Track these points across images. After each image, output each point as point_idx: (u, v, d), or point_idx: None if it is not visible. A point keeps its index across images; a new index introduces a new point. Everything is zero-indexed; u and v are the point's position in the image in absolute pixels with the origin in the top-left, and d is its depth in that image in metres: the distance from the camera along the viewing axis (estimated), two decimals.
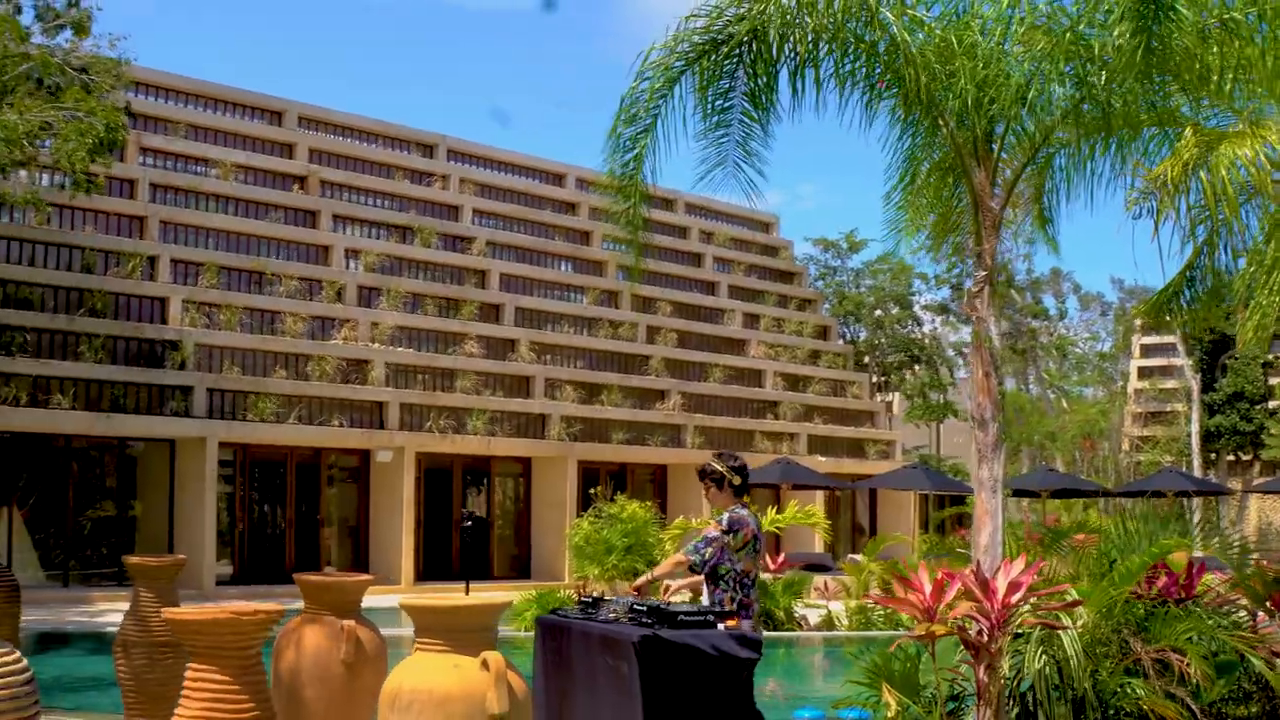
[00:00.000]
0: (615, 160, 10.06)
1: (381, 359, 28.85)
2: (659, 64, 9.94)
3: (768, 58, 9.95)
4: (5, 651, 5.12)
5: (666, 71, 9.94)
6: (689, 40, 9.91)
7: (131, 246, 26.76)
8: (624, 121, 10.19)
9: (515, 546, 31.55)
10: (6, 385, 23.39)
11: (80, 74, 21.65)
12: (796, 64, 9.95)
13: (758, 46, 9.89)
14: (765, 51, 9.89)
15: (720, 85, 10.07)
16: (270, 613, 5.72)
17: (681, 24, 9.93)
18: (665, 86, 10.00)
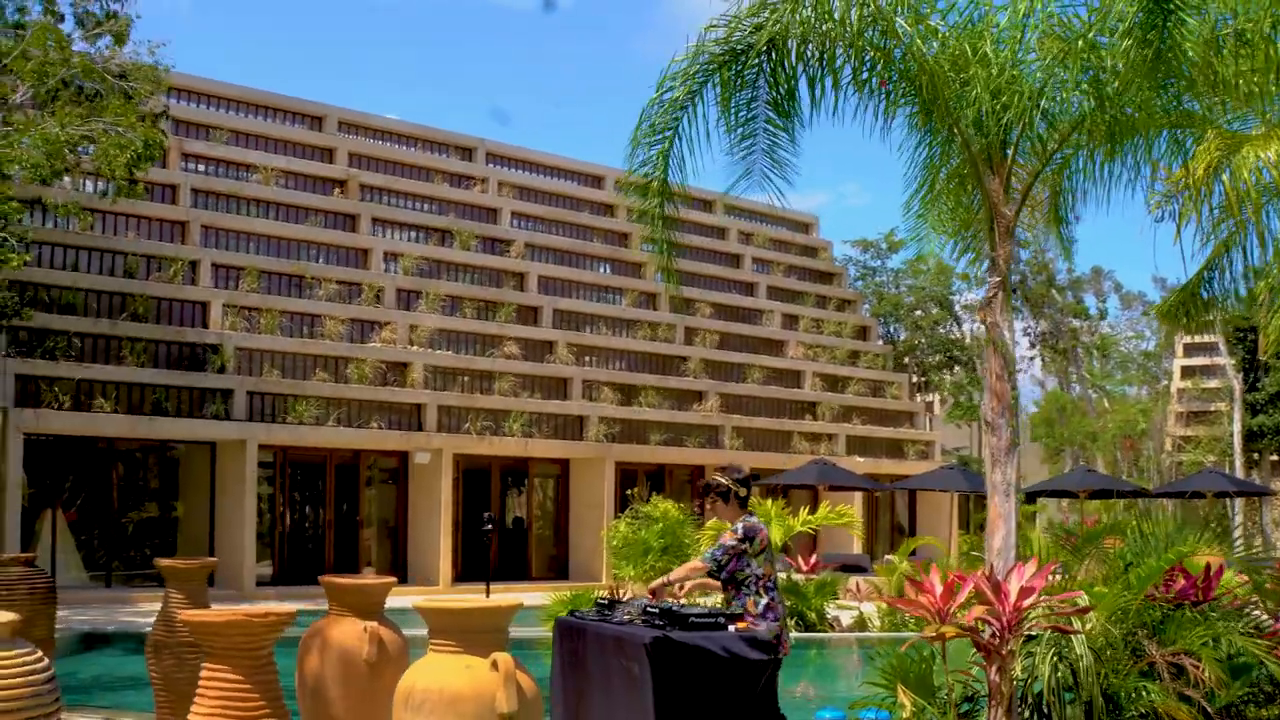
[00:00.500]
0: (638, 171, 10.25)
1: (420, 361, 29.12)
2: (681, 74, 10.10)
3: (787, 67, 10.10)
4: (27, 652, 5.33)
5: (687, 81, 10.09)
6: (708, 51, 10.06)
7: (173, 251, 27.13)
8: (645, 132, 10.36)
9: (554, 547, 31.75)
10: (50, 389, 23.80)
11: (120, 80, 22.01)
12: (815, 73, 10.10)
13: (777, 56, 10.04)
14: (784, 61, 10.04)
15: (743, 95, 10.23)
16: (281, 615, 5.91)
17: (701, 35, 10.09)
18: (686, 97, 10.16)
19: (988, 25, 9.74)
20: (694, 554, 25.77)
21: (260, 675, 5.76)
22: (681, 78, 9.93)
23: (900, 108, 10.26)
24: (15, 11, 22.55)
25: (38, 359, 24.00)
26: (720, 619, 8.56)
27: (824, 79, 10.00)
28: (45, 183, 19.08)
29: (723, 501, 9.03)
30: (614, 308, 34.19)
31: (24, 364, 23.69)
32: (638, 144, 10.11)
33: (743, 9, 9.85)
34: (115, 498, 26.40)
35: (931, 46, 9.81)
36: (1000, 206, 10.05)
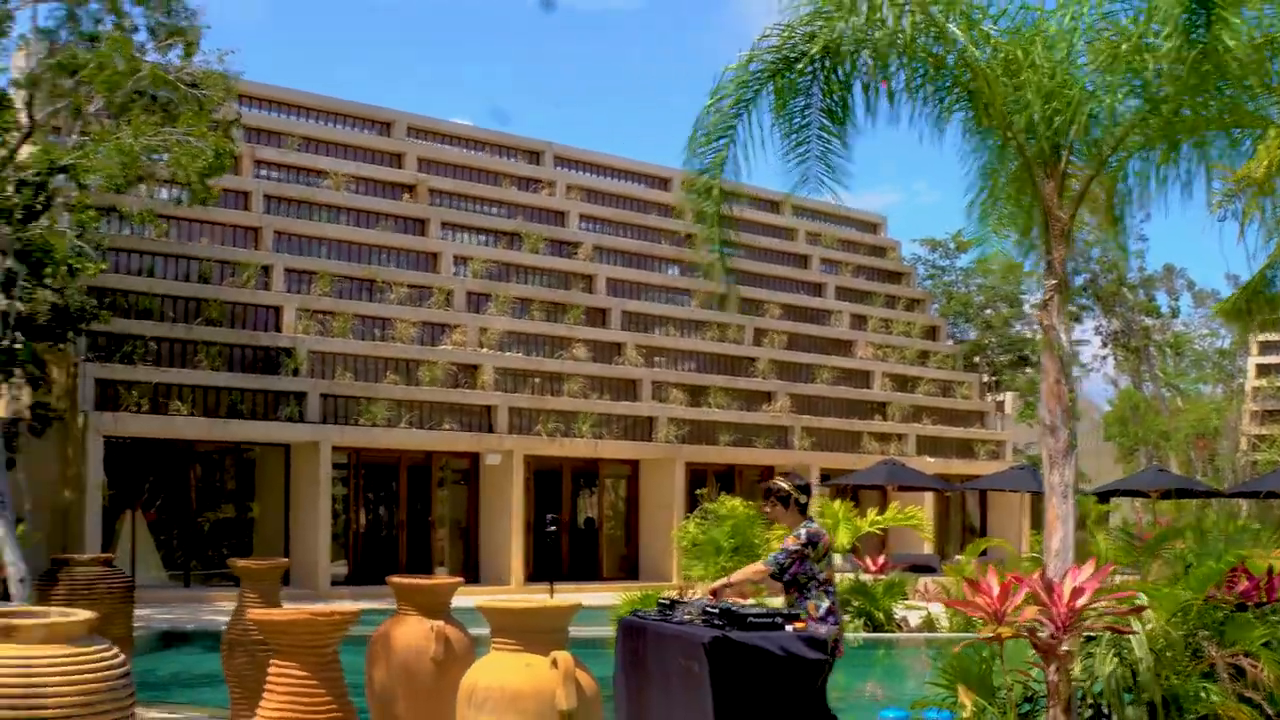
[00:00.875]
0: (694, 176, 10.42)
1: (490, 363, 29.43)
2: (735, 82, 10.25)
3: (841, 74, 10.22)
4: (104, 648, 5.57)
5: (741, 89, 10.24)
6: (762, 59, 10.19)
7: (246, 256, 27.62)
8: (700, 141, 10.52)
9: (624, 547, 31.97)
10: (128, 392, 24.33)
11: (192, 89, 22.46)
12: (868, 80, 10.21)
13: (830, 63, 10.16)
14: (838, 68, 10.16)
15: (797, 102, 10.35)
16: (346, 614, 6.12)
17: (755, 43, 10.23)
18: (740, 104, 10.31)
19: (1039, 30, 9.78)
20: (763, 553, 25.90)
21: (326, 672, 5.97)
22: (735, 85, 10.08)
23: (954, 113, 10.33)
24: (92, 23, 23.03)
25: (116, 363, 24.56)
26: (778, 619, 8.70)
27: (877, 86, 10.10)
28: (120, 191, 19.51)
29: (782, 506, 9.16)
30: (682, 309, 34.35)
31: (103, 368, 24.25)
32: (694, 151, 10.27)
33: (798, 17, 9.98)
34: (193, 499, 26.95)
35: (984, 52, 9.88)
36: (1055, 210, 10.09)
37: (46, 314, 22.51)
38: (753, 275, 36.04)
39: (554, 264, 32.65)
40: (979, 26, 9.92)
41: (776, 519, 9.40)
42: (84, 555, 10.77)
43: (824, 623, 8.97)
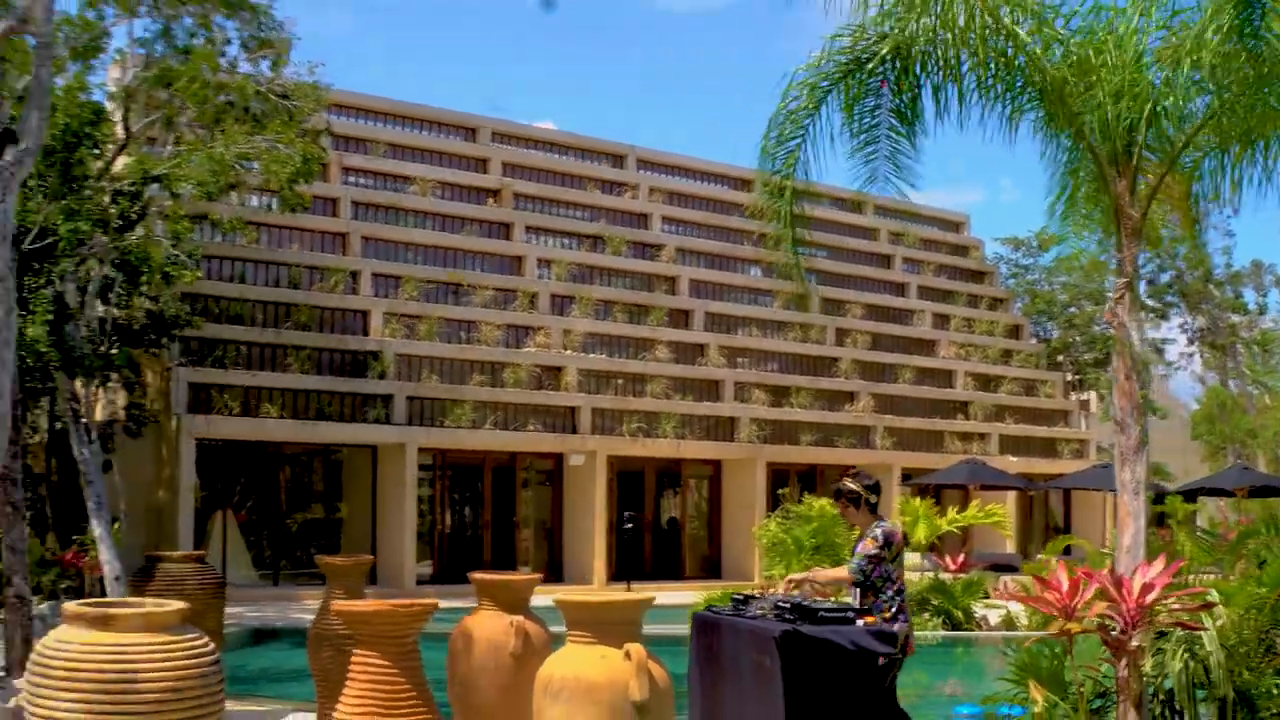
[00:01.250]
0: (767, 178, 10.61)
1: (574, 365, 29.73)
2: (805, 84, 10.42)
3: (911, 75, 10.35)
4: (196, 637, 5.88)
5: (813, 91, 10.41)
6: (834, 60, 10.35)
7: (335, 262, 28.14)
8: (773, 143, 10.71)
9: (706, 547, 32.15)
10: (220, 396, 24.92)
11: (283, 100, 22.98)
12: (938, 81, 10.33)
13: (901, 64, 10.29)
14: (908, 69, 10.29)
15: (867, 103, 10.51)
16: (424, 606, 6.38)
17: (826, 44, 10.39)
18: (812, 106, 10.48)
19: (1108, 28, 9.84)
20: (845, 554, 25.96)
21: (406, 661, 6.23)
22: (807, 86, 10.25)
23: (1025, 113, 10.42)
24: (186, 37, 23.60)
25: (208, 367, 25.15)
26: (850, 614, 8.85)
27: (947, 86, 10.22)
28: (211, 199, 20.04)
29: (854, 507, 9.29)
30: (765, 310, 34.45)
31: (195, 372, 24.85)
32: (767, 152, 10.46)
33: (868, 18, 10.12)
34: (282, 500, 27.51)
35: (1054, 53, 9.97)
36: (1126, 208, 10.15)
37: (142, 320, 23.15)
38: (835, 275, 36.08)
39: (637, 266, 32.90)
40: (1050, 26, 10.01)
41: (848, 518, 9.56)
42: (177, 553, 11.15)
43: (895, 621, 9.11)
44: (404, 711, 6.10)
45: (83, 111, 17.83)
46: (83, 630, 5.65)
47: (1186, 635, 9.61)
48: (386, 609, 6.26)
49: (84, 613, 5.71)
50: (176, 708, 5.54)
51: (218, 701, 5.80)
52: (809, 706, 8.51)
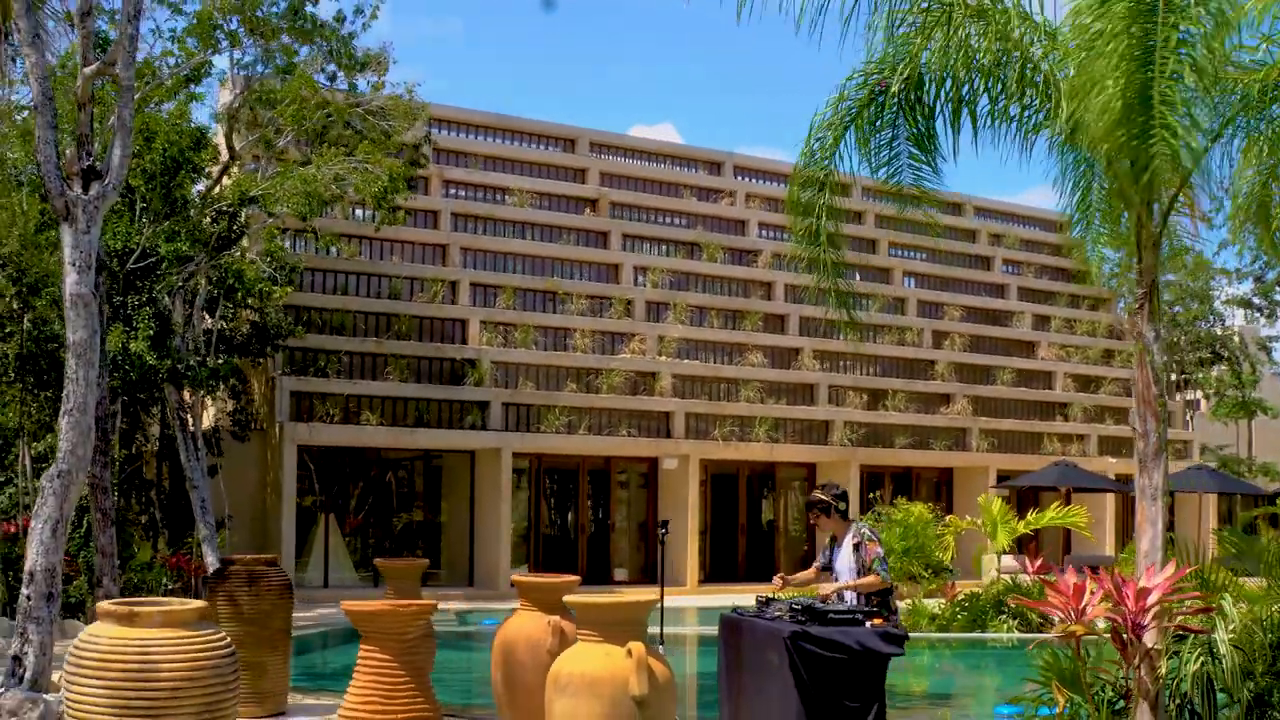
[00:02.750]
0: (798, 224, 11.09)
1: (668, 370, 30.28)
2: (827, 124, 10.89)
3: (925, 105, 10.75)
4: (212, 632, 6.53)
5: (834, 129, 10.89)
6: (852, 97, 10.80)
7: (434, 273, 29.02)
8: (800, 186, 11.22)
9: (802, 548, 32.49)
10: (322, 404, 25.92)
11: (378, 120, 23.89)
12: (952, 107, 10.72)
13: (915, 94, 10.71)
14: (922, 98, 10.70)
15: (883, 135, 10.94)
16: (423, 606, 6.98)
17: (842, 86, 10.83)
18: (835, 145, 10.97)
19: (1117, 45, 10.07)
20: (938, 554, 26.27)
21: (407, 655, 6.84)
22: (828, 128, 10.70)
23: (1040, 131, 10.73)
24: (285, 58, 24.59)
25: (310, 376, 26.16)
26: (858, 615, 9.32)
27: (960, 111, 10.59)
28: (305, 218, 20.94)
29: (825, 516, 10.10)
30: (860, 313, 34.54)
31: (298, 381, 25.86)
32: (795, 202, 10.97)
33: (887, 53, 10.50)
34: (383, 504, 28.44)
35: (1066, 69, 10.28)
36: (1143, 220, 10.42)
37: (246, 332, 24.22)
38: (933, 278, 36.19)
39: (732, 272, 33.32)
40: (1061, 46, 10.31)
41: (821, 527, 10.29)
42: (248, 555, 11.91)
43: (895, 614, 9.72)
44: (403, 699, 6.71)
45: (182, 139, 18.78)
46: (111, 626, 6.33)
47: (1204, 638, 9.90)
48: (388, 609, 6.88)
49: (112, 610, 6.39)
50: (192, 695, 6.19)
51: (231, 690, 6.45)
52: (819, 700, 8.99)
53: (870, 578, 9.97)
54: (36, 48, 11.32)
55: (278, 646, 11.39)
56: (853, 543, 10.13)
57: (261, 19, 21.80)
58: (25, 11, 11.19)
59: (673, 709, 8.19)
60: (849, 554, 10.13)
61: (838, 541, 10.31)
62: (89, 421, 11.32)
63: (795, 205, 11.06)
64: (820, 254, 11.23)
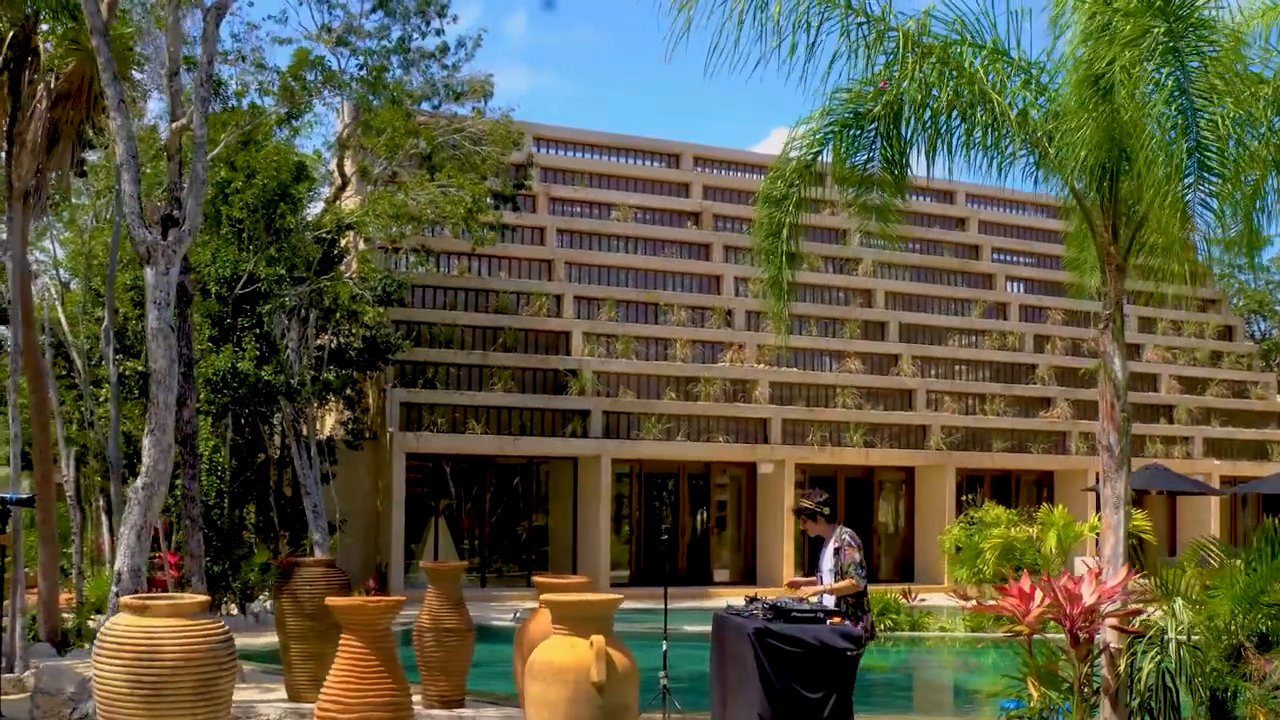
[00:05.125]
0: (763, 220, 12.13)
1: (766, 378, 31.26)
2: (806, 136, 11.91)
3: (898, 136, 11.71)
4: (211, 623, 7.84)
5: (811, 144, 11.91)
6: (836, 113, 11.78)
7: (539, 287, 30.43)
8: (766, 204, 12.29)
9: (900, 551, 33.20)
10: (430, 413, 27.48)
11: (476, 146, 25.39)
12: (929, 136, 11.65)
13: (891, 122, 11.68)
14: (897, 128, 11.66)
15: (859, 157, 11.93)
16: (390, 603, 8.21)
17: (827, 101, 11.78)
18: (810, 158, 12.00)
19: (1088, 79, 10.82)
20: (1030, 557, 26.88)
21: (379, 644, 8.07)
22: (809, 138, 11.70)
23: (1016, 160, 11.60)
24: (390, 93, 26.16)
25: (419, 388, 27.74)
26: (820, 614, 10.34)
27: (936, 142, 11.51)
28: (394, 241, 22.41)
29: (812, 520, 11.01)
30: (961, 319, 35.15)
31: (407, 393, 27.45)
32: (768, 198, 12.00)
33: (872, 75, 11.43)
34: (490, 509, 29.93)
35: (1040, 106, 11.16)
36: (1107, 245, 11.25)
37: (358, 346, 25.86)
38: (1035, 281, 36.59)
39: (832, 280, 34.14)
40: (1035, 80, 11.17)
41: (809, 530, 11.21)
42: (308, 559, 13.27)
43: (866, 614, 10.69)
44: (374, 680, 7.96)
45: (280, 173, 20.39)
46: (128, 615, 7.67)
47: (1158, 639, 10.70)
48: (360, 604, 8.13)
49: (130, 603, 7.75)
50: (189, 672, 7.50)
51: (225, 669, 7.74)
52: (780, 687, 10.03)
53: (845, 581, 10.92)
54: (121, 112, 12.81)
55: (335, 639, 12.71)
56: (834, 547, 11.07)
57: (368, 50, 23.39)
58: (111, 80, 12.69)
59: (633, 694, 9.29)
60: (830, 557, 11.09)
61: (824, 544, 11.25)
62: (169, 440, 12.80)
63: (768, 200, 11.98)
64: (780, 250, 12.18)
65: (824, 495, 11.22)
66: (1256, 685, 10.40)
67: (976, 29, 11.23)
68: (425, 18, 25.10)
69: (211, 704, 7.65)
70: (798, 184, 11.95)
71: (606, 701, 8.95)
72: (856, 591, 10.90)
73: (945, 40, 11.16)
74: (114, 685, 7.54)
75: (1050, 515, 22.40)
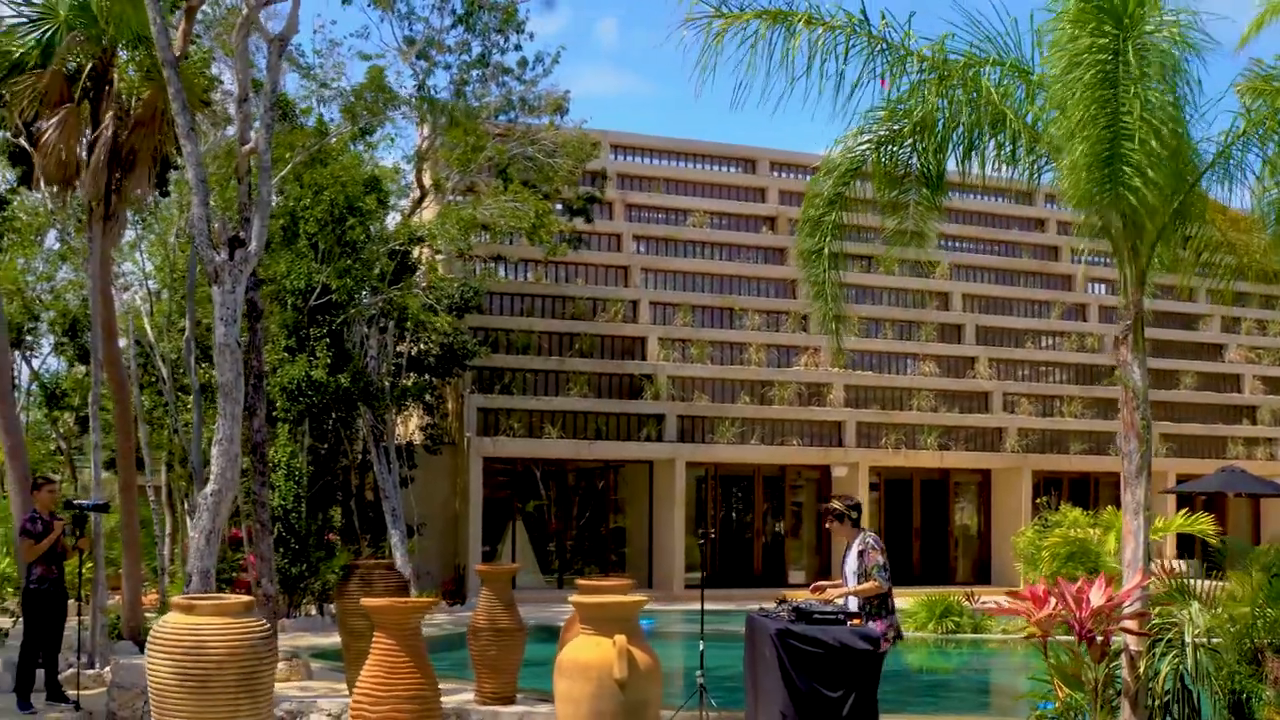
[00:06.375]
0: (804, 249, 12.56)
1: (840, 382, 31.58)
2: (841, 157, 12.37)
3: (939, 151, 12.12)
4: (255, 620, 8.46)
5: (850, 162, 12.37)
6: (871, 131, 12.23)
7: (615, 293, 31.01)
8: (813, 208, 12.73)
9: (977, 552, 33.33)
10: (507, 418, 28.19)
11: (549, 159, 26.05)
12: (963, 148, 12.06)
13: (926, 139, 12.11)
14: (930, 144, 12.08)
15: (897, 171, 12.36)
16: (421, 603, 8.80)
17: (862, 120, 12.23)
18: (847, 176, 12.45)
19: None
20: (1102, 559, 26.99)
21: (409, 641, 8.65)
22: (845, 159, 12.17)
23: (1045, 173, 11.96)
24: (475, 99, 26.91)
25: (496, 394, 28.46)
26: (840, 615, 10.78)
27: (969, 155, 11.93)
28: (462, 254, 23.11)
29: (839, 522, 11.37)
30: (1040, 321, 35.15)
31: (485, 398, 28.17)
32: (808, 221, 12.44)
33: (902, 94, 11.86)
34: (569, 512, 30.58)
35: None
36: (1126, 259, 11.58)
37: (436, 353, 26.63)
38: (1115, 283, 36.41)
39: (908, 284, 34.30)
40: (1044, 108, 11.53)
41: (834, 533, 11.58)
42: (369, 560, 13.93)
43: (891, 615, 11.10)
44: (403, 675, 8.54)
45: (348, 188, 21.16)
46: (178, 614, 8.33)
47: (1178, 642, 10.99)
48: (389, 604, 8.73)
49: (180, 602, 8.41)
50: (232, 666, 8.14)
51: (266, 664, 8.37)
52: (802, 686, 10.48)
53: (869, 583, 11.34)
54: (191, 139, 13.58)
55: None
56: (858, 550, 11.47)
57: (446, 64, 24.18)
58: (181, 109, 13.46)
59: (656, 690, 9.81)
60: (854, 559, 11.49)
61: (848, 547, 11.67)
62: (236, 450, 13.54)
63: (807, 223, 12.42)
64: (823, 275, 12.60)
65: (854, 500, 11.63)
66: (1271, 688, 10.67)
67: (1003, 47, 11.63)
68: (504, 34, 25.87)
69: (254, 696, 8.28)
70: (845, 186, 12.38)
71: (628, 697, 9.47)
72: (880, 593, 11.28)
73: (967, 57, 11.55)
74: (164, 678, 8.20)
75: (1111, 517, 22.50)
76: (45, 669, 13.14)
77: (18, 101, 14.69)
